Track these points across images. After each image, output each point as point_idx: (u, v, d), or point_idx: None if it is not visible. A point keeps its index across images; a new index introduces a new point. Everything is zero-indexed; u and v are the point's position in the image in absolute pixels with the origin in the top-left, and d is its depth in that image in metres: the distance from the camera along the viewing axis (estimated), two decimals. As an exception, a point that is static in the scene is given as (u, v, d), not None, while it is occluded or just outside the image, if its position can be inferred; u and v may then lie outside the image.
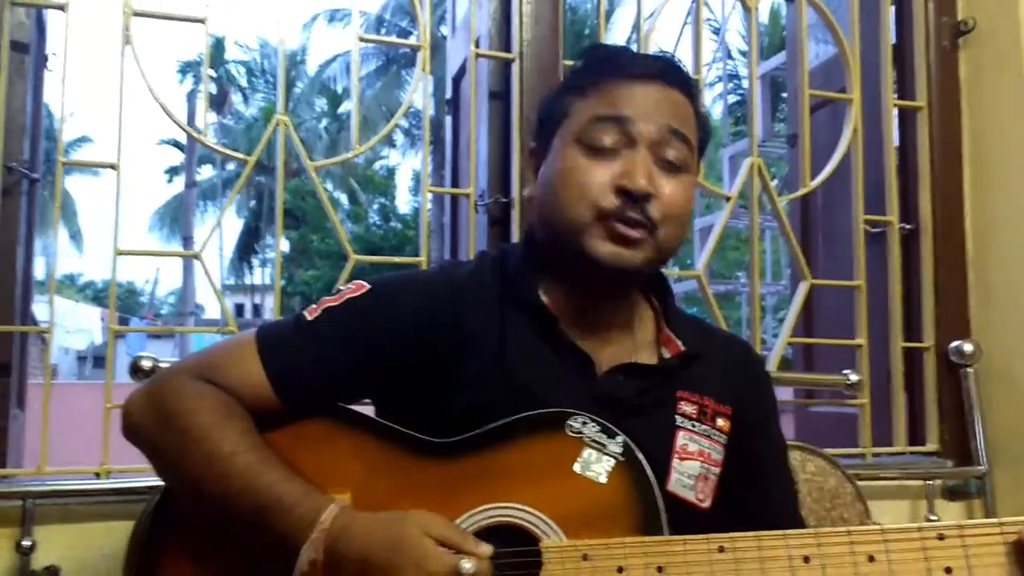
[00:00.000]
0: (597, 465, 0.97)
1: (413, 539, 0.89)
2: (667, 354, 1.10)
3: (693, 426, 1.08)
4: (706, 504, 1.07)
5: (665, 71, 1.06)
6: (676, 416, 1.07)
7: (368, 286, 1.07)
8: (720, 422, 1.10)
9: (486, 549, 0.90)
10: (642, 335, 1.12)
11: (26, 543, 1.49)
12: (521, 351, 1.04)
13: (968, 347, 2.06)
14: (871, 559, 0.89)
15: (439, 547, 0.89)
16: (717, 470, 1.08)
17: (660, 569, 0.90)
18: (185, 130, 1.79)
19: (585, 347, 1.06)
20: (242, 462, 0.95)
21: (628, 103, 1.03)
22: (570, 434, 0.98)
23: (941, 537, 0.89)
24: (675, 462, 1.05)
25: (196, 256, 1.73)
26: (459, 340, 1.04)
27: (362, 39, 1.84)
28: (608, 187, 1.00)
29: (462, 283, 1.08)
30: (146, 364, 1.58)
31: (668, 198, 1.02)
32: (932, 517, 1.98)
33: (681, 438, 1.07)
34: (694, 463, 1.06)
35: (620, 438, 0.98)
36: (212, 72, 27.48)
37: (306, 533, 0.91)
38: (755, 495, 1.12)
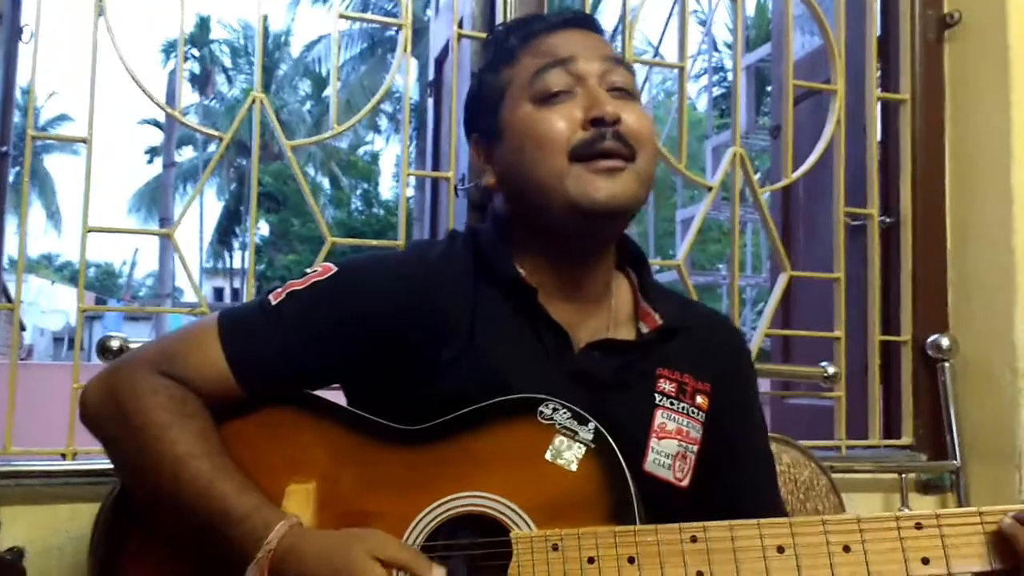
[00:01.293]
0: (568, 453, 0.95)
1: (360, 564, 0.86)
2: (645, 329, 1.09)
3: (672, 404, 1.06)
4: (685, 482, 1.05)
5: (580, 17, 1.09)
6: (655, 394, 1.06)
7: (335, 269, 1.04)
8: (699, 399, 1.08)
9: (438, 572, 0.88)
10: (619, 309, 1.10)
11: (-11, 524, 1.47)
12: (495, 328, 1.02)
13: (945, 341, 2.07)
14: (846, 549, 0.88)
15: (388, 571, 0.86)
16: (695, 448, 1.07)
17: (631, 560, 0.89)
18: (160, 106, 1.75)
19: (562, 321, 1.04)
20: (194, 467, 0.93)
21: (562, 47, 1.04)
22: (541, 421, 0.96)
23: (919, 526, 0.88)
24: (652, 441, 1.04)
25: (168, 235, 1.70)
26: (431, 324, 1.01)
27: (343, 16, 1.81)
28: (575, 125, 1.00)
29: (434, 263, 1.06)
30: (114, 344, 1.55)
31: (636, 121, 1.02)
32: (905, 510, 1.98)
33: (659, 417, 1.05)
34: (671, 442, 1.05)
35: (591, 424, 0.96)
36: (195, 51, 27.19)
37: (253, 550, 0.89)
38: (733, 474, 1.11)
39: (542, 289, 1.04)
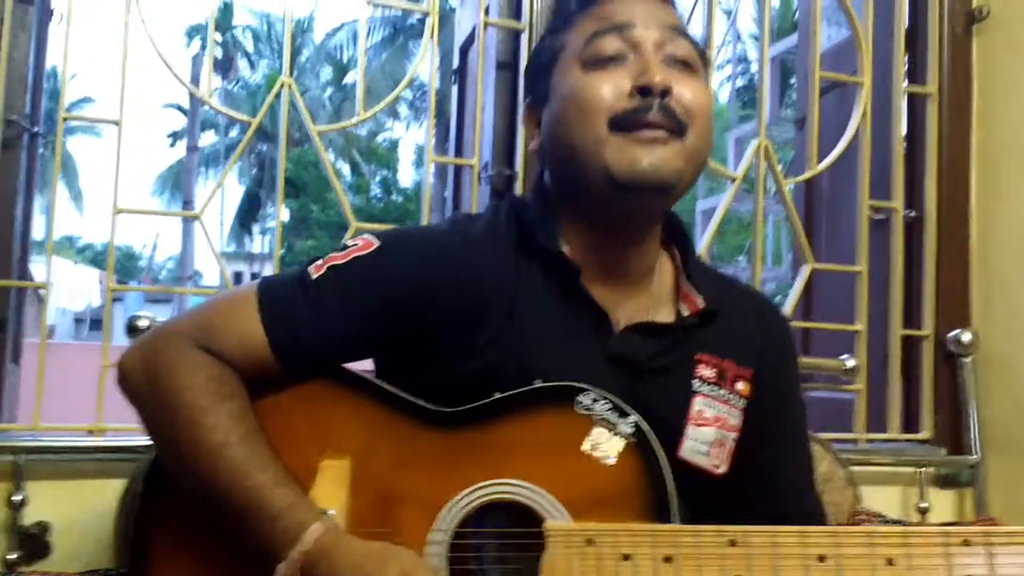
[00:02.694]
0: (606, 445, 0.92)
1: None
2: (685, 311, 1.05)
3: (711, 391, 1.03)
4: (722, 470, 1.03)
5: None
6: (694, 380, 1.03)
7: (376, 243, 1.01)
8: (740, 386, 1.05)
9: None
10: (661, 289, 1.07)
11: (17, 498, 1.49)
12: (535, 306, 1.00)
13: (967, 336, 2.06)
14: (890, 562, 0.85)
15: None
16: (734, 435, 1.04)
17: (668, 559, 0.86)
18: (187, 87, 1.77)
19: (603, 302, 1.01)
20: (230, 456, 0.91)
21: (622, 12, 0.99)
22: (579, 411, 0.93)
23: (967, 543, 0.84)
24: (689, 428, 1.01)
25: (196, 217, 1.72)
26: (472, 301, 0.99)
27: (370, 2, 1.81)
28: (621, 92, 0.95)
29: (477, 239, 1.03)
30: (143, 324, 1.57)
31: (690, 95, 0.97)
32: (923, 504, 1.98)
33: (698, 403, 1.02)
34: (709, 429, 1.02)
35: (631, 418, 0.93)
36: (218, 36, 27.24)
37: (286, 548, 0.87)
38: (771, 462, 1.08)
39: (586, 268, 1.01)
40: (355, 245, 1.02)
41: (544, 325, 0.99)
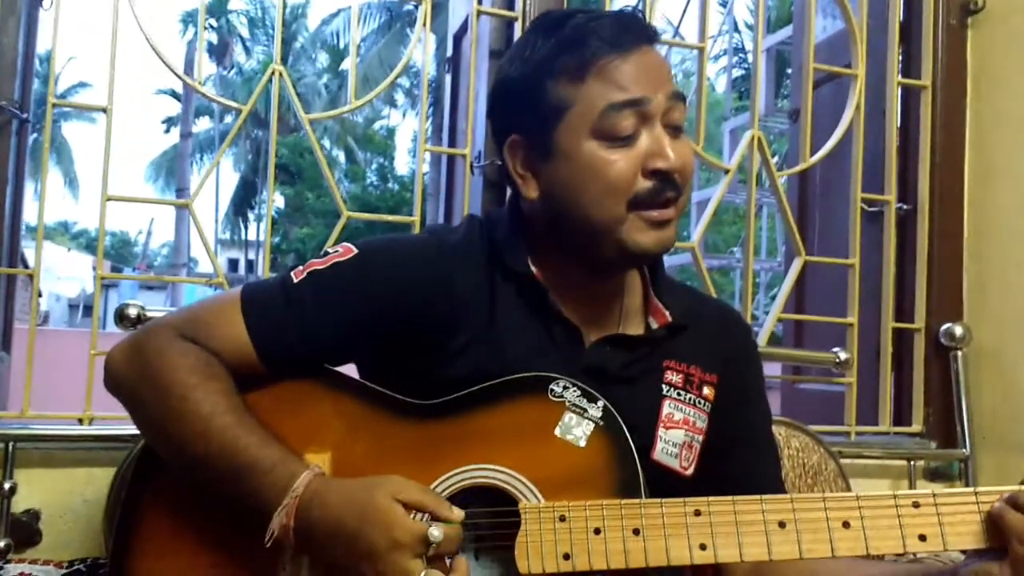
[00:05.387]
0: (577, 429, 0.98)
1: (382, 506, 0.88)
2: (654, 324, 1.10)
3: (679, 395, 1.09)
4: (689, 471, 1.08)
5: (644, 31, 1.03)
6: (662, 385, 1.08)
7: (356, 250, 1.05)
8: (706, 391, 1.11)
9: (458, 513, 0.90)
10: (631, 304, 1.11)
11: (7, 485, 1.49)
12: (509, 321, 1.04)
13: (959, 330, 2.06)
14: (846, 525, 0.90)
15: (409, 512, 0.88)
16: (700, 438, 1.09)
17: (636, 531, 0.92)
18: (179, 76, 1.76)
19: (573, 318, 1.06)
20: (220, 423, 0.95)
21: (635, 81, 0.98)
22: (552, 398, 0.99)
23: (916, 505, 0.90)
24: (660, 431, 1.06)
25: (186, 205, 1.71)
26: (448, 309, 1.03)
27: (363, -9, 1.80)
28: (637, 172, 0.99)
29: (452, 249, 1.06)
30: (132, 312, 1.57)
31: (684, 163, 1.01)
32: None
33: (667, 407, 1.08)
34: (679, 431, 1.07)
35: (600, 403, 0.98)
36: (213, 22, 27.12)
37: (279, 498, 0.91)
38: (737, 465, 1.13)
39: (556, 289, 1.06)
40: (335, 252, 1.05)
41: (519, 338, 1.04)
